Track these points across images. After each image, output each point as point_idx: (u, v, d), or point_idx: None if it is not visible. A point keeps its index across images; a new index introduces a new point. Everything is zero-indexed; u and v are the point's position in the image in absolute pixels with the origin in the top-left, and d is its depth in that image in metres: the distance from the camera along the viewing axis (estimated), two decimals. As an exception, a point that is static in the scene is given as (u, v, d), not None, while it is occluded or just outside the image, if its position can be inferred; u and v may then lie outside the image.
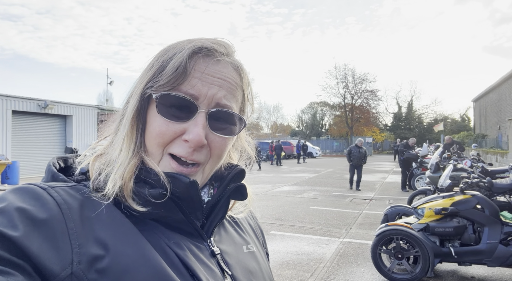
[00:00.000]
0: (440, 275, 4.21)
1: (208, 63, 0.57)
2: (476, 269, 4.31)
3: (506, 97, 19.40)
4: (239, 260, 0.64)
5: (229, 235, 0.68)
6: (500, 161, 14.95)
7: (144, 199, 0.53)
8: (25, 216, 0.45)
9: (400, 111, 48.01)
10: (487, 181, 4.65)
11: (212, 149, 0.58)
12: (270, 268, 0.73)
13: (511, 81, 18.55)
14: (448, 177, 4.97)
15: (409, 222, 4.36)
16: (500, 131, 20.19)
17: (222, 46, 0.59)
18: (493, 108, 22.81)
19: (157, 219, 0.56)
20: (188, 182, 0.55)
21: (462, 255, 3.97)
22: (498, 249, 3.85)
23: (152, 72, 0.56)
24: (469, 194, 4.18)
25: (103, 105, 20.61)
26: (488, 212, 4.01)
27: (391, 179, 14.27)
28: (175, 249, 0.54)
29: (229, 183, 0.64)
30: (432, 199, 4.37)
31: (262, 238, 0.80)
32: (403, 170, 11.47)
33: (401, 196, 9.94)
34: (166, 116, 0.55)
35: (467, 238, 4.03)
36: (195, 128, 0.55)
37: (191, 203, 0.57)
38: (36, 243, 0.43)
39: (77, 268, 0.45)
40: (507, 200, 6.14)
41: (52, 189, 0.50)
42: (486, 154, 17.64)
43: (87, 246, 0.47)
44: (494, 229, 3.94)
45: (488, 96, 24.22)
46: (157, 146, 0.56)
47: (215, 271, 0.57)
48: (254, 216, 0.83)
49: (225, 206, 0.64)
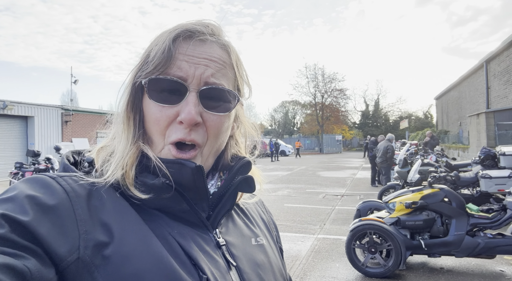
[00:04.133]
0: (412, 267, 4.33)
1: (190, 43, 0.57)
2: (445, 260, 4.48)
3: (466, 95, 20.51)
4: (246, 252, 0.63)
5: (237, 227, 0.67)
6: (461, 156, 15.78)
7: (147, 188, 0.54)
8: (34, 203, 0.46)
9: (367, 109, 49.47)
10: (453, 175, 4.85)
11: (208, 128, 0.58)
12: (282, 263, 0.72)
13: (470, 80, 19.63)
14: (417, 171, 5.13)
15: (381, 216, 4.45)
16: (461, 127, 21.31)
17: (206, 26, 0.59)
18: (454, 105, 24.04)
19: (162, 209, 0.56)
20: (194, 167, 0.55)
21: (431, 247, 4.10)
22: (465, 240, 4.01)
23: (140, 62, 0.58)
24: (437, 188, 4.33)
25: (67, 105, 19.63)
26: (455, 205, 4.17)
27: (361, 175, 14.65)
28: (178, 238, 0.54)
29: (236, 175, 0.64)
30: (402, 194, 4.48)
31: (275, 233, 0.79)
32: (372, 166, 11.80)
33: (371, 191, 10.22)
34: (157, 100, 0.56)
35: (436, 230, 4.17)
36: (186, 107, 0.55)
37: (196, 192, 0.58)
38: (45, 228, 0.45)
39: (84, 253, 0.46)
40: (471, 193, 6.46)
41: (61, 178, 0.52)
42: (449, 149, 18.55)
43: (94, 233, 0.48)
44: (461, 221, 4.11)
45: (449, 94, 25.50)
46: (157, 134, 0.57)
47: (219, 262, 0.57)
48: (268, 211, 0.83)
49: (232, 198, 0.64)
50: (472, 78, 19.08)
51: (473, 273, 4.09)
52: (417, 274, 4.10)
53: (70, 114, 18.45)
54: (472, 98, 18.98)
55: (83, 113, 19.79)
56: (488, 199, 5.92)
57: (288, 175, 15.28)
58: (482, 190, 5.90)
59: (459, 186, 6.20)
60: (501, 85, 14.35)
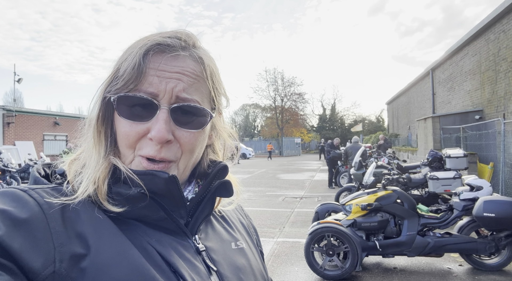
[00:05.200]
0: (367, 268, 4.44)
1: (162, 59, 0.55)
2: (398, 260, 4.64)
3: (414, 100, 21.84)
4: (226, 256, 0.63)
5: (216, 232, 0.67)
6: (411, 158, 16.75)
7: (122, 199, 0.53)
8: (5, 217, 0.45)
9: (324, 113, 51.01)
10: (406, 177, 5.06)
11: (182, 145, 0.58)
12: (263, 266, 0.72)
13: (417, 86, 20.93)
14: (372, 174, 5.29)
15: (338, 218, 4.52)
16: (410, 131, 22.64)
17: (177, 39, 0.58)
18: (403, 110, 25.51)
19: (139, 219, 0.56)
20: (167, 177, 0.55)
21: (385, 247, 4.23)
22: (416, 240, 4.19)
23: (110, 76, 0.56)
24: (390, 190, 4.48)
25: (10, 106, 18.07)
26: (407, 206, 4.34)
27: (319, 177, 15.00)
28: (156, 246, 0.54)
29: (213, 180, 0.64)
30: (358, 196, 4.59)
31: (255, 237, 0.79)
32: (329, 168, 12.12)
33: (328, 193, 10.46)
34: (127, 117, 0.55)
35: (389, 231, 4.31)
36: (157, 124, 0.54)
37: (173, 200, 0.57)
38: (18, 242, 0.43)
39: (59, 266, 0.45)
40: (420, 193, 6.80)
41: (32, 190, 0.51)
42: (399, 152, 19.60)
43: (69, 245, 0.47)
44: (413, 222, 4.28)
45: (399, 99, 27.03)
46: (126, 147, 0.57)
47: (199, 268, 0.57)
48: (247, 215, 0.84)
49: (211, 204, 0.64)
50: (419, 84, 20.38)
51: (423, 272, 4.27)
52: (372, 275, 4.20)
53: (13, 115, 17.02)
54: (420, 104, 20.26)
55: (28, 114, 18.34)
56: (436, 199, 6.27)
57: (248, 178, 15.24)
58: (430, 191, 6.24)
59: (409, 187, 6.52)
60: (445, 92, 15.44)
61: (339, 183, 11.24)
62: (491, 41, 10.56)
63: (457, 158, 6.59)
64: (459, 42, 12.78)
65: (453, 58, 14.13)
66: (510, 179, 8.43)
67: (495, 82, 10.35)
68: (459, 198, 4.41)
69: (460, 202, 4.36)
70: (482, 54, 11.27)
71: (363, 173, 7.10)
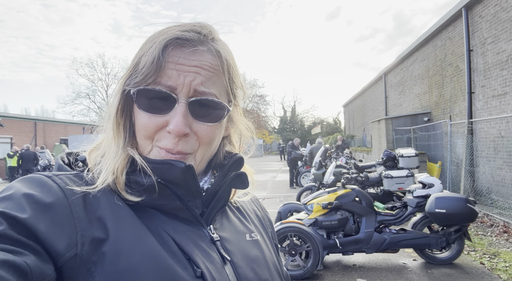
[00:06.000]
0: (328, 266, 4.49)
1: (181, 54, 0.56)
2: (357, 257, 4.75)
3: (369, 103, 22.86)
4: (241, 247, 0.64)
5: (231, 223, 0.68)
6: (366, 158, 17.49)
7: (140, 188, 0.55)
8: (32, 201, 0.47)
9: (285, 115, 51.86)
10: (364, 175, 5.21)
11: (199, 138, 0.59)
12: (278, 259, 0.73)
13: (371, 89, 21.94)
14: (332, 173, 5.39)
15: (300, 218, 4.53)
16: (364, 132, 23.65)
17: (197, 33, 0.58)
18: (359, 112, 26.61)
19: (156, 207, 0.57)
20: (184, 167, 0.56)
21: (345, 245, 4.31)
22: (373, 236, 4.31)
23: (129, 69, 0.58)
24: (349, 188, 4.58)
25: None
26: (365, 204, 4.45)
27: (281, 178, 15.14)
28: (172, 234, 0.55)
29: (229, 171, 0.65)
30: (319, 195, 4.64)
31: (271, 230, 0.80)
32: (290, 168, 12.27)
33: (290, 193, 10.57)
34: (146, 110, 0.56)
35: (349, 229, 4.40)
36: (175, 118, 0.55)
37: (188, 190, 0.58)
38: (43, 225, 0.46)
39: (81, 249, 0.47)
40: (375, 191, 7.06)
41: (56, 176, 0.53)
42: (355, 152, 20.40)
43: (90, 229, 0.49)
44: (370, 219, 4.40)
45: (355, 102, 28.17)
46: (144, 138, 0.58)
47: (213, 257, 0.57)
48: (263, 207, 0.84)
49: (226, 194, 0.66)
50: (373, 88, 21.37)
51: (381, 268, 4.41)
52: (333, 273, 4.25)
53: None
54: (374, 106, 21.25)
55: (-36, 113, 16.62)
56: (391, 197, 6.55)
57: (208, 180, 14.98)
58: (385, 189, 6.50)
59: (366, 185, 6.74)
60: (396, 95, 16.32)
61: (300, 183, 11.40)
62: (438, 47, 11.30)
63: (409, 158, 6.93)
64: (409, 48, 13.56)
65: (403, 63, 14.96)
66: (456, 176, 9.05)
67: (442, 86, 11.09)
68: (412, 195, 4.62)
69: (414, 199, 4.57)
70: (430, 60, 12.03)
71: (323, 173, 7.24)
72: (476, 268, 4.26)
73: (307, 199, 4.70)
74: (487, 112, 8.43)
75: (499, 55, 7.90)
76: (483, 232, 5.96)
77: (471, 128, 8.68)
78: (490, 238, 5.57)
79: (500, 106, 7.93)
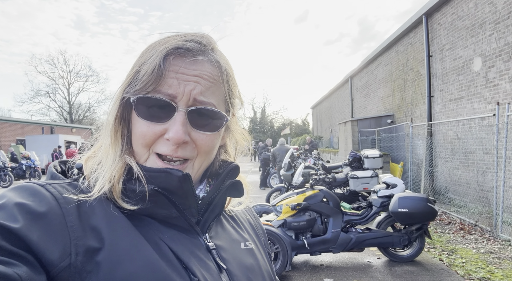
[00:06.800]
0: (296, 267, 4.52)
1: (182, 63, 0.57)
2: (324, 257, 4.82)
3: (336, 105, 23.47)
4: (236, 256, 0.64)
5: (226, 231, 0.68)
6: (333, 158, 17.91)
7: (136, 196, 0.55)
8: (24, 210, 0.46)
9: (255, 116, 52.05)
10: (331, 176, 5.30)
11: (198, 146, 0.60)
12: (271, 267, 0.73)
13: (338, 92, 22.54)
14: (301, 174, 5.44)
15: (269, 219, 4.53)
16: (331, 134, 24.24)
17: (197, 43, 0.59)
18: (326, 114, 27.25)
19: (152, 216, 0.57)
20: (181, 175, 0.56)
21: (313, 245, 4.36)
22: (340, 236, 4.39)
23: (129, 77, 0.58)
24: (317, 189, 4.64)
25: None
26: (332, 204, 4.53)
27: (250, 179, 15.13)
28: (168, 243, 0.55)
29: (225, 180, 0.65)
30: (288, 196, 4.67)
31: (264, 238, 0.80)
32: (262, 169, 12.32)
33: (260, 194, 10.58)
34: (146, 118, 0.57)
35: (316, 229, 4.46)
36: (174, 126, 0.56)
37: (185, 198, 0.59)
38: (36, 235, 0.45)
39: (75, 259, 0.47)
40: (342, 192, 7.22)
41: (49, 185, 0.53)
42: (323, 153, 20.85)
43: (85, 239, 0.48)
44: (337, 219, 4.48)
45: (322, 104, 28.82)
46: (141, 146, 0.58)
47: (210, 265, 0.58)
48: (256, 216, 0.84)
49: (221, 203, 0.66)
50: (340, 90, 21.97)
51: (347, 267, 4.50)
52: (301, 273, 4.28)
53: None
54: (340, 108, 21.84)
55: None
56: (357, 197, 6.72)
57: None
58: (351, 189, 6.67)
59: (333, 186, 6.88)
60: (362, 98, 16.88)
61: (270, 184, 11.45)
62: (400, 52, 11.80)
63: (373, 158, 7.16)
64: (374, 53, 14.07)
65: (368, 67, 15.50)
66: (417, 176, 9.47)
67: (404, 90, 11.59)
68: (377, 195, 4.76)
69: (378, 199, 4.71)
70: (393, 64, 12.54)
71: (292, 174, 7.31)
72: (436, 265, 4.46)
73: (276, 201, 4.70)
74: (445, 115, 8.91)
75: (456, 61, 8.38)
76: (441, 229, 6.28)
77: (431, 130, 9.13)
78: (448, 236, 5.87)
79: (457, 109, 8.40)
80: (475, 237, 5.65)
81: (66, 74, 38.87)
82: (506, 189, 5.75)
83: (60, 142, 20.41)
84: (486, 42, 7.23)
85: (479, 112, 7.44)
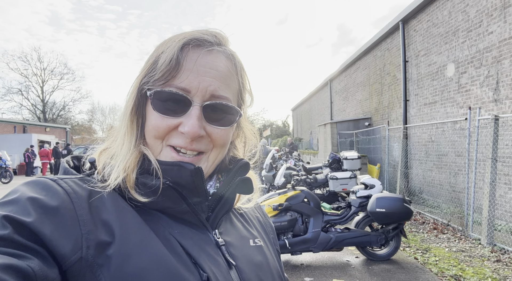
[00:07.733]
0: (277, 266, 4.56)
1: (199, 54, 0.58)
2: (304, 257, 4.90)
3: (315, 107, 23.82)
4: (245, 252, 0.64)
5: (235, 228, 0.69)
6: (313, 160, 18.18)
7: (148, 189, 0.55)
8: (37, 204, 0.47)
9: (235, 117, 52.04)
10: (312, 177, 5.39)
11: (213, 140, 0.60)
12: (280, 265, 0.73)
13: (318, 95, 22.90)
14: (283, 175, 5.50)
15: (250, 220, 4.55)
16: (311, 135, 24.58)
17: (213, 36, 0.61)
18: (306, 116, 27.60)
19: (162, 210, 0.58)
20: (193, 169, 0.57)
21: (294, 245, 4.41)
22: (320, 236, 4.47)
23: (146, 67, 0.59)
24: (298, 190, 4.71)
25: None
26: (313, 204, 4.61)
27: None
28: (178, 238, 0.56)
29: (235, 176, 0.66)
30: (270, 197, 4.71)
31: (272, 236, 0.80)
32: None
33: (239, 195, 10.59)
34: (161, 111, 0.57)
35: (297, 229, 4.52)
36: (190, 120, 0.56)
37: (196, 193, 0.59)
38: (48, 228, 0.46)
39: (87, 253, 0.47)
40: (322, 192, 7.35)
41: (61, 180, 0.53)
42: (303, 154, 21.11)
43: (96, 233, 0.49)
44: (317, 219, 4.57)
45: (303, 106, 29.17)
46: (154, 138, 0.59)
47: (219, 261, 0.58)
48: (265, 213, 0.85)
49: (231, 199, 0.66)
50: (319, 93, 22.32)
51: (326, 266, 4.59)
52: (282, 273, 4.33)
53: None
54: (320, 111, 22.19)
55: None
56: (336, 197, 6.86)
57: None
58: (331, 190, 6.80)
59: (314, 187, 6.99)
60: (340, 100, 17.22)
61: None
62: (378, 57, 12.14)
63: (352, 160, 7.33)
64: (353, 57, 14.40)
65: (347, 70, 15.84)
66: (393, 177, 9.76)
67: (381, 94, 11.92)
68: (355, 196, 4.88)
69: (357, 199, 4.83)
70: (371, 69, 12.88)
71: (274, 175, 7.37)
72: (411, 263, 4.62)
73: (258, 201, 4.73)
74: (420, 119, 9.24)
75: (431, 67, 8.71)
76: (416, 229, 6.50)
77: (406, 133, 9.44)
78: (422, 235, 6.09)
79: (431, 113, 8.73)
80: (447, 236, 5.89)
81: (40, 71, 37.44)
82: (476, 190, 6.04)
83: (33, 142, 19.66)
84: (459, 49, 7.57)
85: (452, 116, 7.77)
